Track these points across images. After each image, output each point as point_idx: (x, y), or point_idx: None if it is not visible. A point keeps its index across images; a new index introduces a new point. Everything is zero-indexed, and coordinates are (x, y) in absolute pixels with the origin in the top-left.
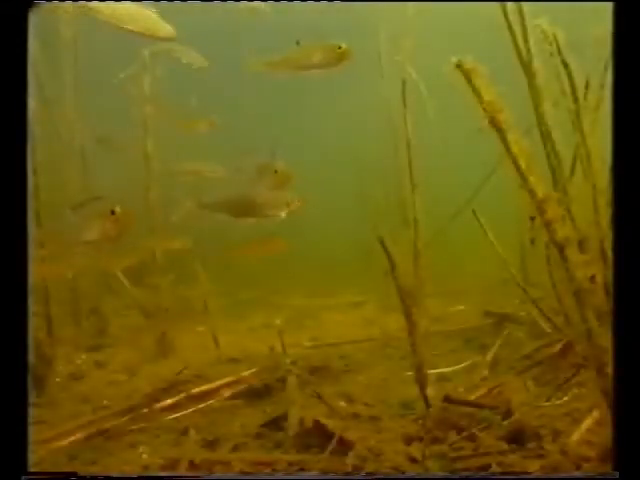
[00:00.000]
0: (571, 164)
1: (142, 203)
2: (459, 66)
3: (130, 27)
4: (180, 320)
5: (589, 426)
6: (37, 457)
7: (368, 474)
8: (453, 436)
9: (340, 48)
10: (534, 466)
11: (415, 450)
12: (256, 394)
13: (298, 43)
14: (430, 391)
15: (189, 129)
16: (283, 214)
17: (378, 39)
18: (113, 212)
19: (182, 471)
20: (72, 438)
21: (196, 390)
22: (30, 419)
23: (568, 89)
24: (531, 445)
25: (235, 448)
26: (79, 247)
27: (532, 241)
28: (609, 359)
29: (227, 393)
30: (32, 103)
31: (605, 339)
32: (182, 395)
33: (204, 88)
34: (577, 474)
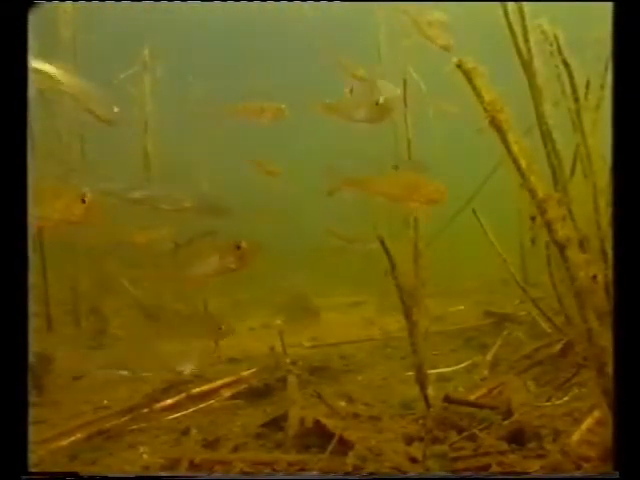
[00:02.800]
0: (571, 164)
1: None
2: (459, 66)
3: None
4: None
5: (589, 426)
6: (37, 457)
7: (368, 474)
8: (453, 436)
9: (377, 104)
10: (534, 466)
11: (415, 450)
12: (256, 394)
13: (351, 91)
14: (430, 391)
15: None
16: None
17: (378, 39)
18: (239, 247)
19: (182, 471)
20: (72, 438)
21: (196, 390)
22: (30, 419)
23: (568, 89)
24: (531, 445)
25: (235, 448)
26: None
27: (532, 241)
28: (609, 359)
29: (227, 393)
30: (32, 103)
31: (605, 339)
32: (182, 395)
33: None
34: (577, 474)
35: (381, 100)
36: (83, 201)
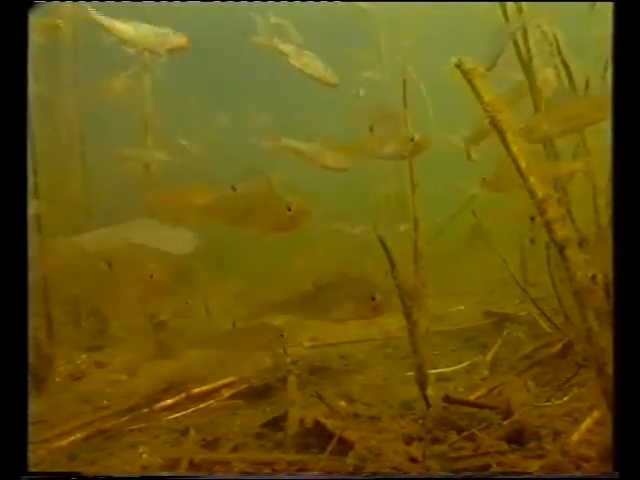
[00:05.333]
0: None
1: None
2: (459, 66)
3: None
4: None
5: (589, 426)
6: (37, 457)
7: (368, 474)
8: (453, 436)
9: (413, 140)
10: (534, 466)
11: (415, 450)
12: (256, 394)
13: (371, 129)
14: (430, 391)
15: None
16: None
17: (378, 39)
18: (373, 298)
19: (182, 471)
20: (72, 438)
21: (196, 390)
22: (30, 419)
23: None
24: (531, 445)
25: (235, 448)
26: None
27: (532, 241)
28: (609, 359)
29: (227, 393)
30: (32, 103)
31: (605, 339)
32: (182, 395)
33: None
34: (577, 474)
35: (416, 137)
36: (289, 209)
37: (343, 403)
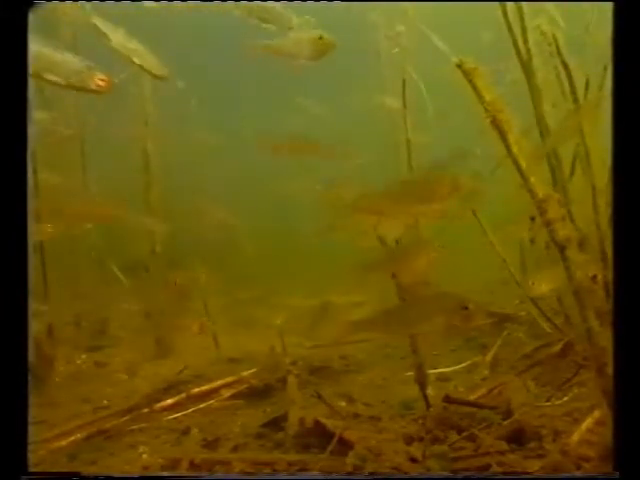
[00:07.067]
0: (571, 164)
1: (142, 201)
2: (459, 66)
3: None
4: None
5: (589, 426)
6: (37, 457)
7: (368, 474)
8: (453, 436)
9: (321, 38)
10: (534, 466)
11: (415, 450)
12: (256, 394)
13: (321, 38)
14: (430, 391)
15: None
16: None
17: (378, 39)
18: (466, 307)
19: (182, 471)
20: (72, 438)
21: (196, 390)
22: (30, 419)
23: (568, 89)
24: (531, 445)
25: (235, 448)
26: None
27: (532, 241)
28: (609, 359)
29: (227, 393)
30: (32, 103)
31: (605, 339)
32: (182, 395)
33: None
34: (577, 474)
35: (325, 35)
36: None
37: (343, 403)
